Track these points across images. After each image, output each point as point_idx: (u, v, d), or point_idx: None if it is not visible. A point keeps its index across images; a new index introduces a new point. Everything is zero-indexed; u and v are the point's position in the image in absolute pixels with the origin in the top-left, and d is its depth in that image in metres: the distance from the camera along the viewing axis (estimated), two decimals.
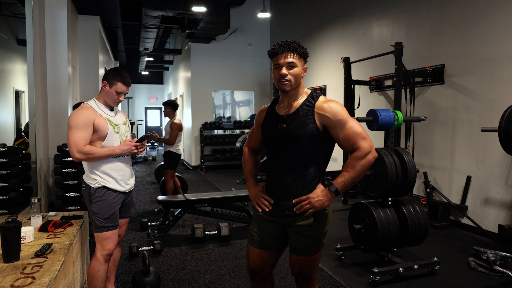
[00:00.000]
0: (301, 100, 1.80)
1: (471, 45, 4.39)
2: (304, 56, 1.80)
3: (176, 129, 5.07)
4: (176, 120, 5.13)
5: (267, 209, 1.85)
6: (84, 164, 2.35)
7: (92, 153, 2.22)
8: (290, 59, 1.75)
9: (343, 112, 1.73)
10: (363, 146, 1.70)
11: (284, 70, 1.75)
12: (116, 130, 2.37)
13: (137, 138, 2.51)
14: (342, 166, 5.91)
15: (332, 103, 1.75)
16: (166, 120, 6.45)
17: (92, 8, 6.95)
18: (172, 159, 5.15)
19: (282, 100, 1.86)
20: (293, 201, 1.77)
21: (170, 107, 5.17)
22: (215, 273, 3.25)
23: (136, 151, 2.38)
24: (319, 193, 1.74)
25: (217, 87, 10.25)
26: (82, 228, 2.59)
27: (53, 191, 3.89)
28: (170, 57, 14.21)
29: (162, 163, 5.94)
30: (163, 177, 5.70)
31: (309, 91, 1.85)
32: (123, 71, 2.40)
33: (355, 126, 1.72)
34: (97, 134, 2.28)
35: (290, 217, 1.80)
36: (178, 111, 12.56)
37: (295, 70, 1.76)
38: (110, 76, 2.33)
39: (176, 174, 5.57)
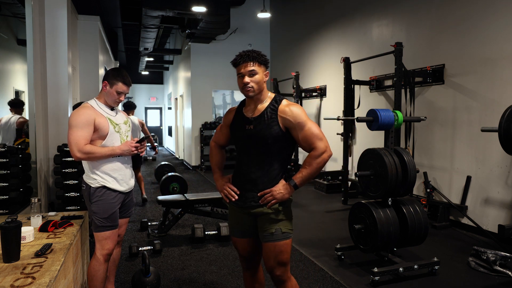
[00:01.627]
0: (265, 103, 1.97)
1: (471, 45, 4.39)
2: (264, 63, 1.96)
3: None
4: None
5: (233, 199, 2.03)
6: (84, 164, 2.35)
7: (92, 152, 2.23)
8: (250, 68, 1.91)
9: (302, 115, 1.92)
10: (319, 146, 1.90)
11: (246, 79, 1.91)
12: (116, 129, 2.37)
13: (138, 138, 2.51)
14: (343, 167, 5.92)
15: (293, 106, 1.94)
16: (166, 120, 6.76)
17: (92, 8, 6.95)
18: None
19: (248, 103, 2.02)
20: (258, 194, 1.96)
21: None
22: (215, 273, 3.25)
23: (136, 151, 2.39)
24: (280, 187, 1.93)
25: (217, 87, 10.25)
26: (82, 228, 2.59)
27: (53, 191, 3.89)
28: (170, 57, 14.21)
29: (164, 163, 6.95)
30: (163, 177, 6.15)
31: (272, 95, 2.01)
32: (123, 71, 2.40)
33: (313, 128, 1.92)
34: (98, 133, 2.28)
35: (258, 207, 1.97)
36: (178, 111, 12.57)
37: (256, 77, 1.92)
38: (111, 76, 2.34)
39: (176, 174, 6.23)
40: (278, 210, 1.96)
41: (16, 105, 4.59)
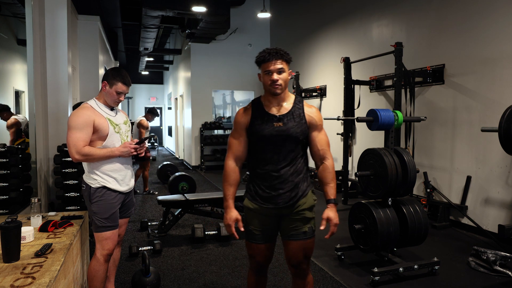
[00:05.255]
0: (290, 102, 2.02)
1: (471, 45, 4.38)
2: (289, 62, 1.99)
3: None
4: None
5: (237, 237, 2.05)
6: (84, 164, 2.35)
7: (91, 154, 2.22)
8: (279, 65, 1.92)
9: (322, 118, 2.06)
10: (331, 155, 2.04)
11: (275, 76, 1.92)
12: (116, 130, 2.37)
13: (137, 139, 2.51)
14: (343, 167, 5.91)
15: (315, 108, 2.07)
16: (166, 120, 6.91)
17: (92, 8, 6.95)
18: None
19: (269, 102, 2.01)
20: (321, 228, 1.96)
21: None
22: (215, 273, 3.25)
23: (135, 153, 2.38)
24: (333, 214, 1.97)
25: (217, 87, 10.24)
26: (82, 228, 2.59)
27: (53, 191, 3.89)
28: (170, 57, 14.21)
29: (166, 163, 7.50)
30: (171, 177, 6.41)
31: (292, 95, 2.06)
32: (123, 70, 2.40)
33: (326, 135, 2.07)
34: (98, 134, 2.28)
35: (290, 207, 1.98)
36: (178, 111, 12.57)
37: (284, 75, 1.95)
38: (110, 76, 2.33)
39: (185, 173, 6.45)
40: (313, 205, 2.03)
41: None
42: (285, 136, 1.94)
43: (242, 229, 2.03)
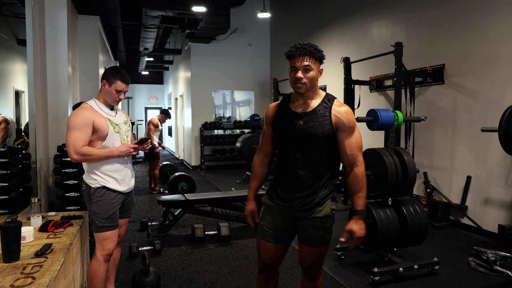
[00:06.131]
0: (317, 100, 1.87)
1: (471, 45, 4.38)
2: (320, 60, 1.84)
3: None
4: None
5: (252, 226, 2.06)
6: (84, 164, 2.35)
7: (89, 154, 2.22)
8: (306, 63, 1.78)
9: (354, 120, 1.87)
10: (362, 161, 1.87)
11: (299, 74, 1.79)
12: (116, 130, 2.36)
13: (136, 140, 2.51)
14: (342, 166, 5.90)
15: (347, 108, 1.87)
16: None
17: (92, 8, 6.95)
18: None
19: (296, 99, 1.91)
20: (341, 239, 1.88)
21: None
22: (215, 273, 3.25)
23: (134, 152, 2.38)
24: (357, 227, 1.85)
25: (217, 87, 10.24)
26: (82, 228, 2.59)
27: (53, 191, 3.89)
28: (170, 57, 14.20)
29: (166, 163, 7.80)
30: (171, 177, 6.41)
31: (323, 93, 1.91)
32: (121, 69, 2.40)
33: (360, 138, 1.87)
34: (97, 134, 2.28)
35: (304, 211, 1.88)
36: (178, 111, 12.57)
37: (311, 74, 1.80)
38: (109, 75, 2.34)
39: (185, 174, 6.47)
40: (329, 215, 1.89)
41: None
42: (304, 136, 1.82)
43: (257, 220, 2.05)
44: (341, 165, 1.98)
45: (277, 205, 1.94)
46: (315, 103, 1.86)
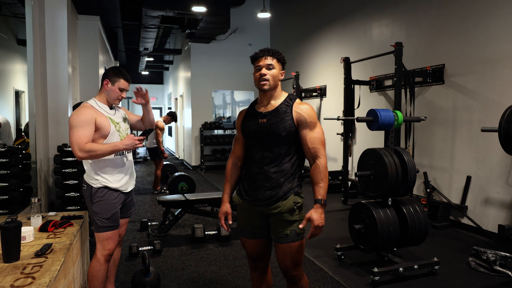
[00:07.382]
0: (280, 100, 1.99)
1: (471, 45, 4.38)
2: (281, 61, 1.98)
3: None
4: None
5: (227, 229, 2.14)
6: (86, 164, 2.35)
7: (94, 150, 2.21)
8: (269, 61, 1.93)
9: (315, 116, 1.97)
10: (324, 154, 1.95)
11: (263, 70, 1.93)
12: (117, 128, 2.38)
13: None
14: (343, 167, 5.91)
15: (308, 105, 1.98)
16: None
17: (92, 8, 6.95)
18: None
19: (261, 100, 2.03)
20: (300, 226, 1.92)
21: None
22: (215, 273, 3.25)
23: (140, 145, 2.39)
24: (317, 215, 1.89)
25: (217, 87, 10.25)
26: (82, 228, 2.59)
27: (53, 191, 3.89)
28: (170, 57, 14.21)
29: (166, 163, 7.77)
30: (171, 177, 6.45)
31: (286, 94, 2.03)
32: (122, 68, 2.44)
33: (321, 133, 1.96)
34: (99, 133, 2.28)
35: (268, 205, 1.95)
36: (179, 111, 12.56)
37: (274, 71, 1.94)
38: (111, 74, 2.36)
39: (184, 174, 6.51)
40: (293, 209, 1.94)
41: None
42: (267, 132, 1.93)
43: (230, 222, 2.12)
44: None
45: (244, 201, 2.03)
46: (278, 102, 1.98)
